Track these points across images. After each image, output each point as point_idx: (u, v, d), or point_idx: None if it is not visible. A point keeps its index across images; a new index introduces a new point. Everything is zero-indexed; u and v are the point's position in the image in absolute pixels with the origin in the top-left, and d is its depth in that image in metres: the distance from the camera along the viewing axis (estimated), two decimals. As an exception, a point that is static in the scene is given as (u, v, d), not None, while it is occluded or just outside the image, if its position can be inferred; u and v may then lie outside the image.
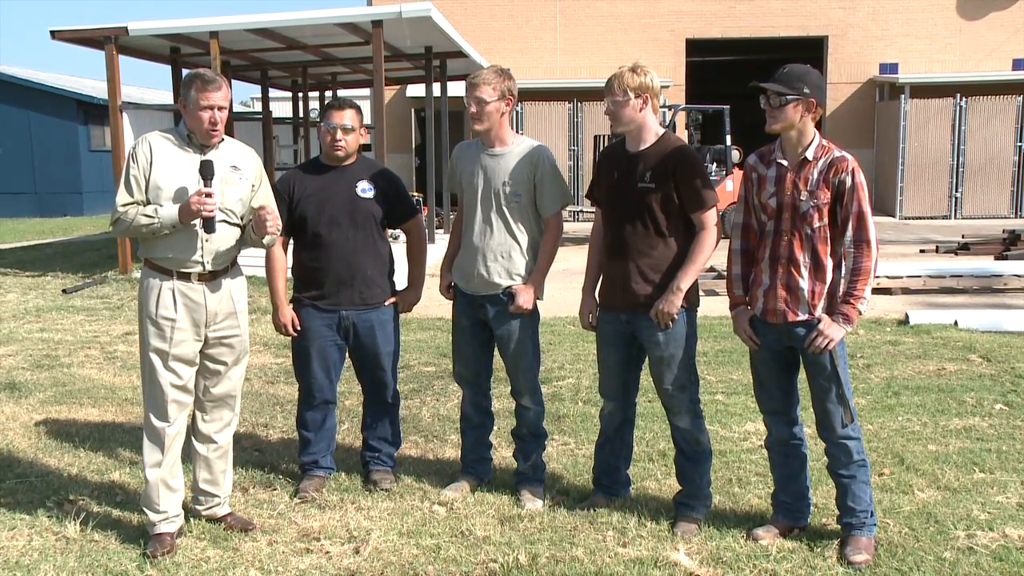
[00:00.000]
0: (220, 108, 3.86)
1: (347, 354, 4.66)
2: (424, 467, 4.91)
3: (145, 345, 3.93)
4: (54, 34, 11.98)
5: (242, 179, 4.01)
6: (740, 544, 3.91)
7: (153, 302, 3.90)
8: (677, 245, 3.99)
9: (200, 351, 3.99)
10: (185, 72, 14.26)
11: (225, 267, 4.02)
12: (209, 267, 3.94)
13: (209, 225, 3.84)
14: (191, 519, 4.18)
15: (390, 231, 4.84)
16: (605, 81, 4.03)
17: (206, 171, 3.82)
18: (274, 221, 3.94)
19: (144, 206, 3.84)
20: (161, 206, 3.83)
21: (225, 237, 3.96)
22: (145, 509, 3.97)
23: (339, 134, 4.41)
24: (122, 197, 3.86)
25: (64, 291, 10.93)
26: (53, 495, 4.51)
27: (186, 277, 3.92)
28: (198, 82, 3.87)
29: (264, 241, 4.05)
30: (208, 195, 3.80)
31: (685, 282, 3.95)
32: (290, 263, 4.66)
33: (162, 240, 3.88)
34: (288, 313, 4.53)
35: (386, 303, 4.59)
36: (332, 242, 4.45)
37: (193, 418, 4.16)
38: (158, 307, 3.89)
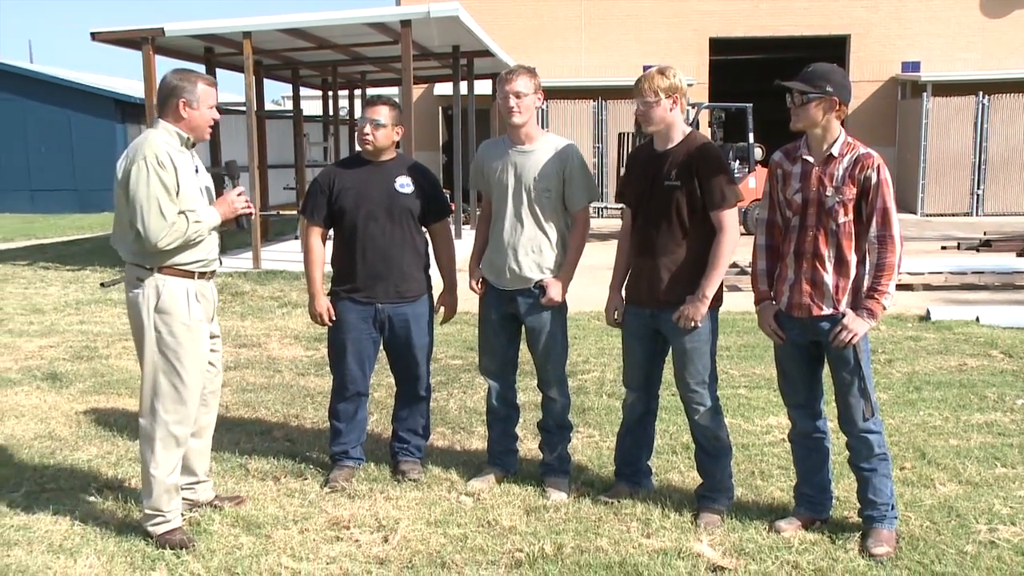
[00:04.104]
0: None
1: (381, 347, 4.67)
2: (451, 458, 4.92)
3: (185, 355, 3.80)
4: (94, 35, 12.08)
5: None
6: (762, 536, 3.89)
7: (185, 308, 3.80)
8: (704, 243, 3.97)
9: None
10: (219, 71, 14.40)
11: None
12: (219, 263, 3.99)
13: (243, 222, 3.87)
14: (208, 509, 4.20)
15: None
16: (633, 83, 4.03)
17: (233, 170, 3.86)
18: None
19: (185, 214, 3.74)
20: (193, 211, 3.76)
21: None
22: (152, 511, 3.86)
23: (367, 128, 4.44)
24: (169, 208, 3.67)
25: (102, 285, 11.01)
26: (93, 482, 4.56)
27: (204, 276, 3.91)
28: (204, 80, 3.83)
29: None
30: (240, 193, 3.84)
31: (711, 289, 3.94)
32: (328, 257, 4.69)
33: (195, 244, 3.82)
34: (323, 302, 4.55)
35: (431, 314, 4.64)
36: (369, 236, 4.46)
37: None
38: (190, 312, 3.82)
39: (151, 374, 3.81)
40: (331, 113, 17.85)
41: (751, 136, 15.80)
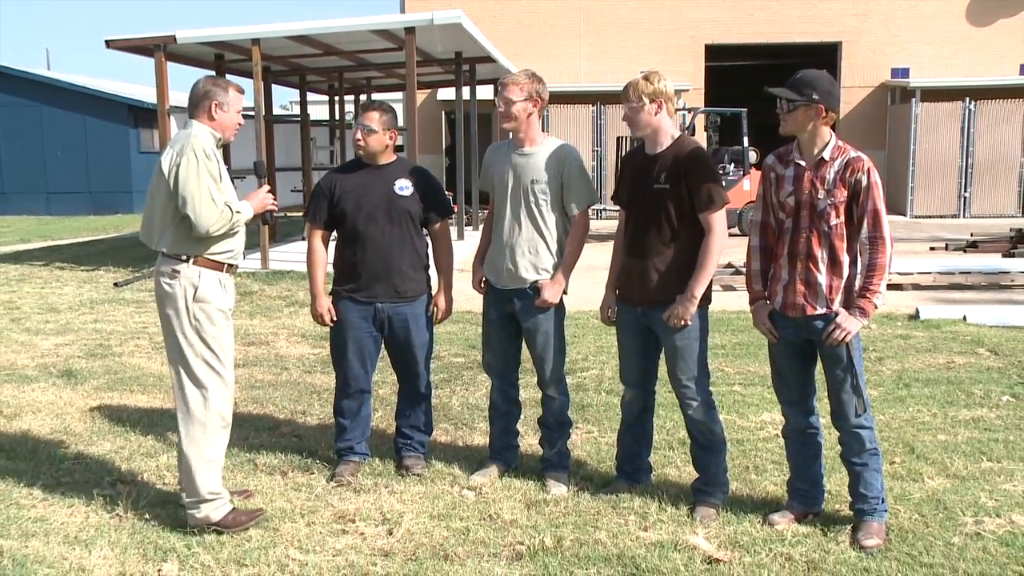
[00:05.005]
0: None
1: (383, 345, 4.67)
2: (454, 453, 4.91)
3: (224, 339, 3.89)
4: (109, 43, 12.05)
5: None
6: (757, 529, 3.89)
7: (220, 295, 3.90)
8: (692, 244, 3.96)
9: None
10: (228, 77, 14.35)
11: None
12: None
13: (268, 216, 4.00)
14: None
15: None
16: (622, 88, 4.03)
17: (260, 170, 3.93)
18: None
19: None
20: (232, 203, 3.86)
21: None
22: (210, 494, 3.87)
23: (358, 133, 4.46)
24: (218, 196, 3.78)
25: (115, 284, 11.04)
26: (107, 476, 4.57)
27: (230, 269, 3.97)
28: (234, 87, 3.95)
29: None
30: (268, 190, 3.98)
31: (699, 289, 3.93)
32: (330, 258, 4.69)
33: (228, 236, 3.90)
34: (325, 303, 4.55)
35: (428, 314, 4.62)
36: (369, 237, 4.46)
37: None
38: (224, 299, 3.92)
39: (193, 362, 3.86)
40: (337, 117, 17.85)
41: (745, 140, 15.80)
